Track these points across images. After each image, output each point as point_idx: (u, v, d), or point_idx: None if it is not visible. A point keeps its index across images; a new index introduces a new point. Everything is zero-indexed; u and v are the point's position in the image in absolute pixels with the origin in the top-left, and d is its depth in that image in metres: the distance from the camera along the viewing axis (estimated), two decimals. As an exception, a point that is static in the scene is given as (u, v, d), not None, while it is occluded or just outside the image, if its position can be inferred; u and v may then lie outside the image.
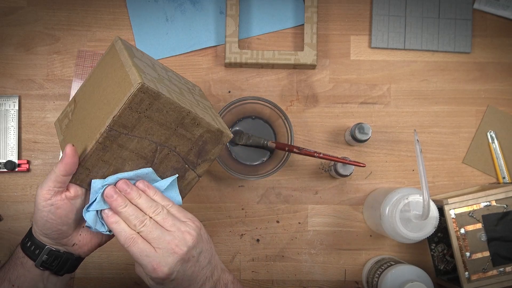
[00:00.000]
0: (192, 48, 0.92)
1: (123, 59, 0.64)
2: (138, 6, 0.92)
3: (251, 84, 0.92)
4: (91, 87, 0.69)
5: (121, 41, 0.68)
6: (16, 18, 0.91)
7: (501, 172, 0.90)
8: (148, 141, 0.63)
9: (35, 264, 0.64)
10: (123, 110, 0.59)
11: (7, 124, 0.89)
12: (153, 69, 0.68)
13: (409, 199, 0.76)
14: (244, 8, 0.92)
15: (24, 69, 0.91)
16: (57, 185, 0.60)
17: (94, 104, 0.65)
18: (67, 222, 0.62)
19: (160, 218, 0.61)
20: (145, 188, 0.63)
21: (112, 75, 0.65)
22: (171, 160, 0.66)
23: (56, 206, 0.61)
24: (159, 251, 0.58)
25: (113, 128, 0.60)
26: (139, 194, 0.62)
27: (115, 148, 0.61)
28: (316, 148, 0.91)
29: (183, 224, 0.61)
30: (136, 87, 0.58)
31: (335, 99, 0.92)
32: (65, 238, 0.64)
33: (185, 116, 0.63)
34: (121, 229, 0.60)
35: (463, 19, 0.92)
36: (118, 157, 0.62)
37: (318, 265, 0.90)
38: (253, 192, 0.90)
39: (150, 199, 0.62)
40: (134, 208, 0.61)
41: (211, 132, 0.66)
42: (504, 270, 0.82)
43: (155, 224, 0.60)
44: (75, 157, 0.60)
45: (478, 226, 0.82)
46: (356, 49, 0.93)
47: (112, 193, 0.61)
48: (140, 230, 0.59)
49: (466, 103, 0.92)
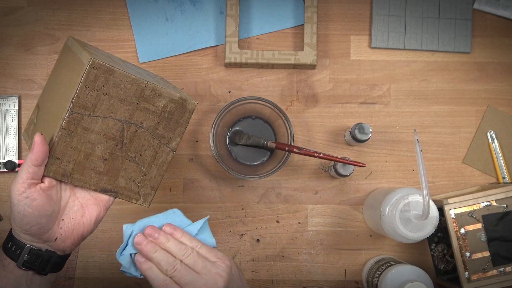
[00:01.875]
0: (192, 48, 0.92)
1: (74, 49, 0.65)
2: (138, 6, 0.92)
3: (251, 84, 0.92)
4: (50, 87, 0.69)
5: (73, 39, 0.69)
6: (16, 18, 0.91)
7: (501, 172, 0.90)
8: (112, 120, 0.63)
9: (17, 265, 0.63)
10: (80, 90, 0.60)
11: (7, 124, 0.89)
12: (109, 57, 0.68)
13: (409, 199, 0.76)
14: (244, 8, 0.92)
15: (24, 69, 0.91)
16: (29, 177, 0.60)
17: (54, 99, 0.66)
18: (44, 213, 0.61)
19: (190, 261, 0.62)
20: (172, 231, 0.64)
21: (66, 67, 0.65)
22: (141, 137, 0.65)
23: (32, 198, 0.60)
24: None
25: (73, 111, 0.60)
26: (167, 238, 0.63)
27: (81, 132, 0.62)
28: (316, 148, 0.91)
29: (213, 266, 0.62)
30: (87, 64, 0.59)
31: (335, 99, 0.92)
32: (46, 232, 0.63)
33: (143, 88, 0.63)
34: (154, 276, 0.61)
35: (463, 19, 0.92)
36: (86, 141, 0.62)
37: (318, 265, 0.90)
38: (253, 192, 0.90)
39: (178, 242, 0.63)
40: (164, 253, 0.62)
41: (174, 102, 0.66)
42: (504, 270, 0.82)
43: (186, 268, 0.61)
44: (44, 145, 0.60)
45: (478, 226, 0.82)
46: (356, 49, 0.93)
47: (141, 240, 0.62)
48: (172, 275, 0.60)
49: (466, 103, 0.92)
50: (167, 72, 0.91)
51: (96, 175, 0.65)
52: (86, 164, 0.64)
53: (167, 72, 0.91)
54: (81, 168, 0.63)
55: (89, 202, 0.66)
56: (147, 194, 0.69)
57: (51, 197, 0.62)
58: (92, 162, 0.64)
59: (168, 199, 0.90)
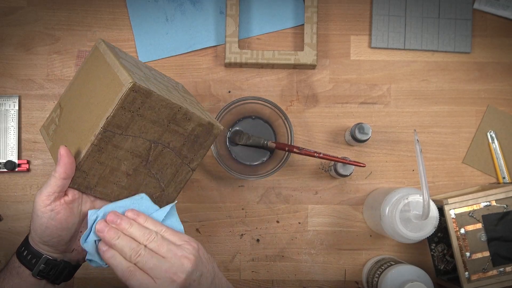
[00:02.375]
0: (192, 48, 0.92)
1: (109, 60, 0.64)
2: (138, 6, 0.92)
3: (251, 84, 0.92)
4: (77, 90, 0.69)
5: (104, 43, 0.68)
6: (16, 18, 0.91)
7: (501, 172, 0.90)
8: (142, 139, 0.63)
9: (32, 274, 0.63)
10: (116, 110, 0.59)
11: (7, 124, 0.89)
12: (138, 68, 0.68)
13: (409, 199, 0.76)
14: (244, 8, 0.92)
15: (24, 69, 0.91)
16: (57, 190, 0.60)
17: (82, 107, 0.65)
18: (66, 227, 0.61)
19: (154, 245, 0.59)
20: (135, 216, 0.62)
21: (99, 77, 0.65)
22: (165, 156, 0.66)
23: (56, 211, 0.60)
24: (158, 281, 0.57)
25: (107, 129, 0.60)
26: (130, 223, 0.61)
27: (110, 148, 0.62)
28: (316, 148, 0.91)
29: (179, 249, 0.59)
30: (128, 87, 0.59)
31: (335, 99, 0.92)
32: (65, 244, 0.63)
33: (176, 112, 0.64)
34: (117, 263, 0.59)
35: (463, 19, 0.92)
36: (113, 157, 0.62)
37: (318, 265, 0.90)
38: (253, 192, 0.90)
39: (142, 226, 0.61)
40: (127, 238, 0.60)
41: (202, 126, 0.67)
42: (504, 270, 0.82)
43: (151, 252, 0.59)
44: (70, 157, 0.59)
45: (478, 226, 0.82)
46: (356, 49, 0.93)
47: (103, 227, 0.60)
48: (136, 261, 0.58)
49: (466, 103, 0.92)
50: (167, 72, 0.91)
51: (118, 189, 0.65)
52: (110, 178, 0.64)
53: (167, 72, 0.91)
54: (105, 181, 0.64)
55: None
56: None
57: (73, 210, 0.62)
58: (116, 177, 0.64)
59: (168, 199, 0.90)
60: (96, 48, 0.68)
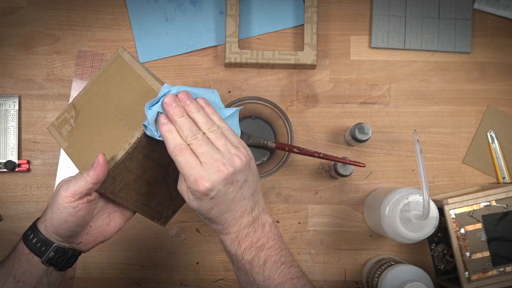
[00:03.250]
0: (192, 48, 0.92)
1: (138, 71, 0.65)
2: (138, 6, 0.92)
3: (251, 84, 0.92)
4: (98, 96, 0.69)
5: (127, 52, 0.68)
6: (16, 18, 0.91)
7: (501, 172, 0.90)
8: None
9: (42, 261, 0.64)
10: None
11: (7, 124, 0.89)
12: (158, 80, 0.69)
13: (409, 199, 0.76)
14: (244, 8, 0.92)
15: (24, 69, 0.91)
16: (84, 191, 0.61)
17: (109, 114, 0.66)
18: (83, 223, 0.64)
19: (213, 136, 0.59)
20: (204, 105, 0.61)
21: (129, 87, 0.65)
22: None
23: (78, 209, 0.62)
24: (205, 166, 0.57)
25: (142, 139, 0.61)
26: (198, 109, 0.60)
27: (141, 158, 0.63)
28: (316, 148, 0.91)
29: (234, 148, 0.59)
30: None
31: (335, 99, 0.92)
32: (75, 237, 0.65)
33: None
34: (172, 138, 0.58)
35: (463, 19, 0.92)
36: (141, 166, 0.64)
37: (318, 265, 0.90)
38: (253, 192, 0.90)
39: (207, 116, 0.61)
40: (190, 120, 0.59)
41: None
42: (504, 270, 0.82)
43: (207, 140, 0.59)
44: (106, 166, 0.61)
45: (478, 226, 0.82)
46: (356, 49, 0.93)
47: (172, 101, 0.59)
48: (190, 142, 0.58)
49: (466, 103, 0.92)
50: (167, 72, 0.91)
51: (136, 195, 0.67)
52: (133, 185, 0.65)
53: (167, 72, 0.91)
54: (128, 188, 0.65)
55: (116, 214, 0.68)
56: (168, 216, 0.72)
57: (91, 208, 0.64)
58: (137, 184, 0.66)
59: (168, 199, 0.90)
60: (119, 56, 0.68)
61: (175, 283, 0.90)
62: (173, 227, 0.90)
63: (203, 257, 0.90)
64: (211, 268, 0.90)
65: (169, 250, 0.90)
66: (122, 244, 0.89)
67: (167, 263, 0.90)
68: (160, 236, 0.90)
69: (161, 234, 0.90)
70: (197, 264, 0.90)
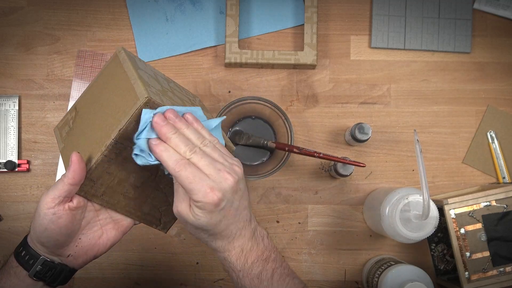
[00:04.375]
0: (192, 48, 0.92)
1: (127, 70, 0.63)
2: (138, 6, 0.92)
3: (251, 84, 0.92)
4: (93, 96, 0.68)
5: (124, 52, 0.67)
6: (16, 18, 0.91)
7: (501, 172, 0.90)
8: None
9: (29, 275, 0.62)
10: (129, 123, 0.58)
11: (7, 124, 0.89)
12: (156, 80, 0.67)
13: (409, 199, 0.76)
14: (244, 8, 0.92)
15: (24, 69, 0.91)
16: (62, 194, 0.59)
17: (97, 114, 0.65)
18: (66, 233, 0.61)
19: (208, 149, 0.59)
20: (193, 121, 0.61)
21: (116, 86, 0.64)
22: None
23: (58, 215, 0.60)
24: (211, 177, 0.56)
25: (118, 141, 0.59)
26: (187, 125, 0.60)
27: (120, 160, 0.61)
28: (316, 148, 0.91)
29: (229, 158, 0.59)
30: (142, 101, 0.58)
31: (335, 99, 0.92)
32: (61, 248, 0.63)
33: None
34: (170, 155, 0.57)
35: (463, 19, 0.92)
36: (122, 169, 0.62)
37: (318, 265, 0.90)
38: (253, 192, 0.90)
39: (197, 131, 0.60)
40: (183, 136, 0.58)
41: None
42: (504, 270, 0.82)
43: (205, 153, 0.58)
44: (82, 164, 0.59)
45: (478, 226, 0.82)
46: (356, 49, 0.93)
47: (161, 120, 0.58)
48: (190, 156, 0.57)
49: (466, 103, 0.92)
50: (167, 72, 0.91)
51: (124, 199, 0.65)
52: (118, 189, 0.64)
53: (167, 72, 0.91)
54: (112, 191, 0.64)
55: (109, 226, 0.66)
56: (167, 221, 0.70)
57: (75, 217, 0.61)
58: (123, 188, 0.64)
59: (168, 199, 0.90)
60: (116, 56, 0.67)
61: (175, 283, 0.90)
62: (173, 227, 0.90)
63: (203, 257, 0.90)
64: (211, 268, 0.90)
65: (169, 250, 0.90)
66: (122, 244, 0.89)
67: (167, 263, 0.90)
68: (160, 236, 0.90)
69: (161, 234, 0.90)
70: (197, 264, 0.90)
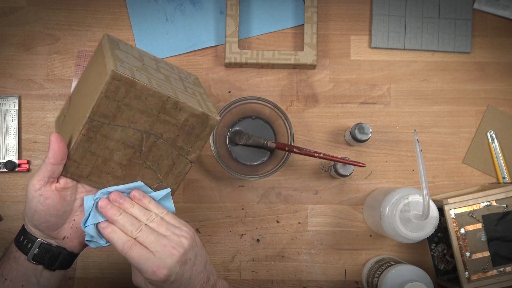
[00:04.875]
0: (192, 48, 0.92)
1: (104, 51, 0.65)
2: (138, 6, 0.92)
3: (251, 84, 0.92)
4: (81, 83, 0.70)
5: (107, 37, 0.68)
6: (16, 18, 0.91)
7: (501, 172, 0.90)
8: (132, 130, 0.63)
9: (27, 258, 0.64)
10: (100, 99, 0.60)
11: (7, 124, 0.89)
12: (139, 60, 0.68)
13: (409, 199, 0.76)
14: (244, 8, 0.92)
15: (24, 69, 0.91)
16: (47, 175, 0.61)
17: (81, 99, 0.66)
18: (55, 213, 0.63)
19: (155, 224, 0.62)
20: (140, 197, 0.65)
21: (96, 69, 0.66)
22: (159, 147, 0.66)
23: (45, 196, 0.62)
24: (157, 254, 0.59)
25: (93, 118, 0.61)
26: (132, 204, 0.64)
27: (100, 138, 0.62)
28: (316, 148, 0.91)
29: (177, 229, 0.62)
30: (109, 75, 0.59)
31: (335, 99, 0.92)
32: (55, 230, 0.64)
33: (165, 101, 0.63)
34: (117, 237, 0.61)
35: (463, 19, 0.92)
36: (104, 147, 0.63)
37: (318, 265, 0.90)
38: (253, 192, 0.90)
39: (143, 208, 0.64)
40: (129, 216, 0.62)
41: (196, 116, 0.65)
42: (504, 270, 0.82)
43: (151, 229, 0.61)
44: (60, 143, 0.61)
45: (478, 226, 0.82)
46: (356, 49, 0.93)
47: (106, 204, 0.63)
48: (136, 235, 0.60)
49: (466, 103, 0.92)
50: (167, 72, 0.91)
51: (113, 179, 0.66)
52: (104, 168, 0.64)
53: (167, 72, 0.91)
54: (99, 171, 0.64)
55: None
56: None
57: (64, 198, 0.63)
58: (109, 167, 0.65)
59: (168, 199, 0.90)
60: (100, 42, 0.69)
61: (175, 283, 0.90)
62: (173, 227, 0.90)
63: (203, 257, 0.90)
64: (211, 268, 0.90)
65: (169, 250, 0.90)
66: (122, 244, 0.90)
67: (167, 263, 0.90)
68: (160, 236, 0.90)
69: (161, 234, 0.90)
70: (197, 264, 0.90)
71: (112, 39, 0.69)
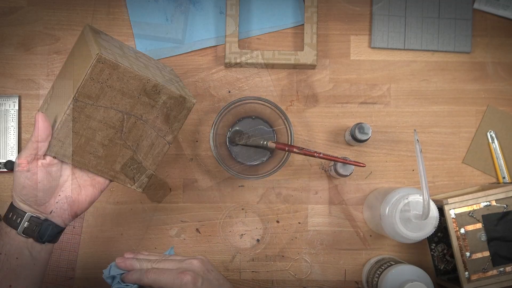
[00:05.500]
0: (192, 48, 0.92)
1: (87, 39, 0.69)
2: (138, 6, 0.92)
3: (251, 84, 0.92)
4: (63, 71, 0.74)
5: (89, 27, 0.73)
6: (16, 18, 0.91)
7: (501, 172, 0.90)
8: (114, 111, 0.67)
9: (18, 232, 0.67)
10: (85, 81, 0.64)
11: (7, 124, 0.89)
12: (120, 49, 0.72)
13: (409, 199, 0.76)
14: (244, 8, 0.92)
15: (24, 69, 0.91)
16: (33, 152, 0.65)
17: (65, 86, 0.70)
18: (42, 188, 0.66)
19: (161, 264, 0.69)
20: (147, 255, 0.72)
21: (79, 56, 0.70)
22: (139, 128, 0.70)
23: (33, 172, 0.65)
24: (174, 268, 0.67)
25: (78, 99, 0.65)
26: (144, 256, 0.70)
27: (83, 119, 0.66)
28: (316, 148, 0.91)
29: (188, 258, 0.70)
30: (94, 58, 0.63)
31: (335, 99, 0.92)
32: (42, 205, 0.67)
33: (145, 83, 0.67)
34: (165, 274, 0.65)
35: (463, 19, 0.92)
36: (87, 127, 0.67)
37: (318, 265, 0.90)
38: (253, 192, 0.90)
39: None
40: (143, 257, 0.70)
41: (173, 98, 0.70)
42: (504, 270, 0.82)
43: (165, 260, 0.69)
44: (44, 122, 0.64)
45: (478, 226, 0.82)
46: (356, 49, 0.93)
47: (123, 258, 0.69)
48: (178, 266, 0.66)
49: (466, 103, 0.92)
50: (167, 72, 0.91)
51: (95, 159, 0.69)
52: (86, 148, 0.68)
53: (167, 72, 0.91)
54: (81, 151, 0.68)
55: (86, 183, 0.71)
56: (142, 181, 0.74)
57: (50, 173, 0.67)
58: (92, 147, 0.68)
59: (168, 199, 0.90)
60: (81, 32, 0.73)
61: (175, 283, 0.90)
62: (173, 227, 0.90)
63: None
64: (211, 268, 0.90)
65: (169, 250, 0.90)
66: (122, 244, 0.89)
67: (167, 263, 0.90)
68: (160, 236, 0.90)
69: (161, 234, 0.90)
70: (197, 264, 0.90)
71: (94, 29, 0.73)
